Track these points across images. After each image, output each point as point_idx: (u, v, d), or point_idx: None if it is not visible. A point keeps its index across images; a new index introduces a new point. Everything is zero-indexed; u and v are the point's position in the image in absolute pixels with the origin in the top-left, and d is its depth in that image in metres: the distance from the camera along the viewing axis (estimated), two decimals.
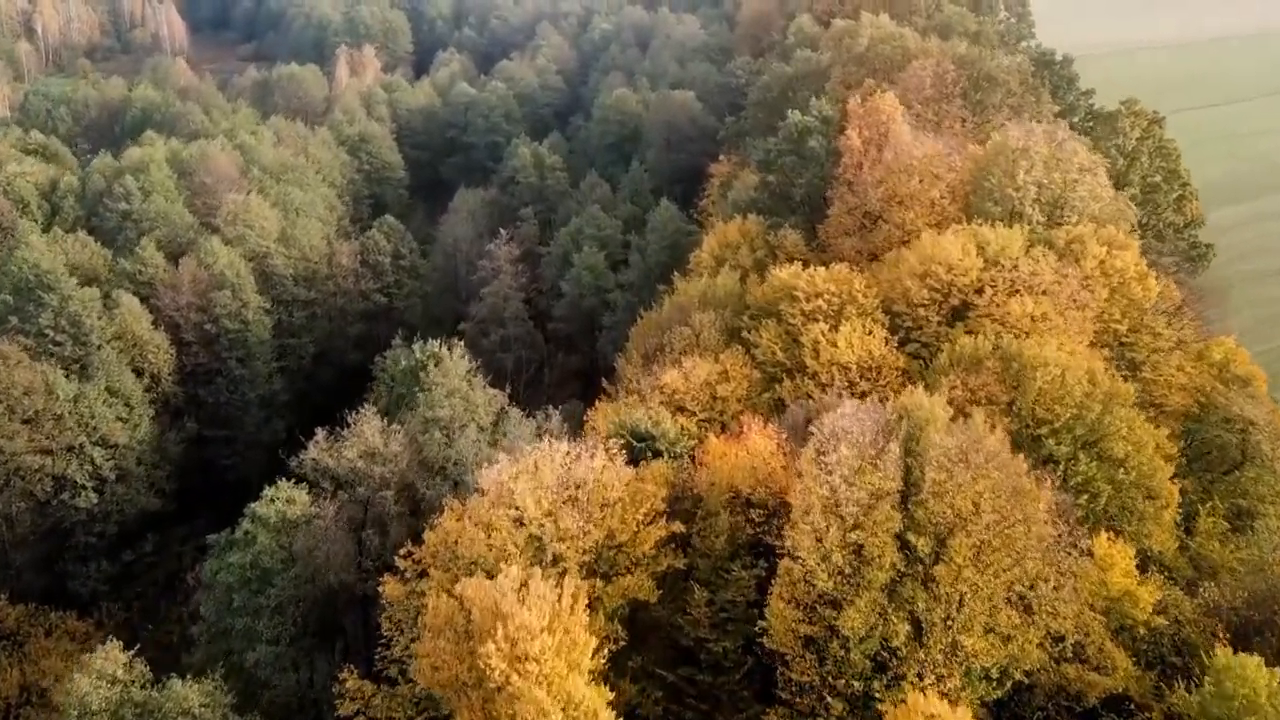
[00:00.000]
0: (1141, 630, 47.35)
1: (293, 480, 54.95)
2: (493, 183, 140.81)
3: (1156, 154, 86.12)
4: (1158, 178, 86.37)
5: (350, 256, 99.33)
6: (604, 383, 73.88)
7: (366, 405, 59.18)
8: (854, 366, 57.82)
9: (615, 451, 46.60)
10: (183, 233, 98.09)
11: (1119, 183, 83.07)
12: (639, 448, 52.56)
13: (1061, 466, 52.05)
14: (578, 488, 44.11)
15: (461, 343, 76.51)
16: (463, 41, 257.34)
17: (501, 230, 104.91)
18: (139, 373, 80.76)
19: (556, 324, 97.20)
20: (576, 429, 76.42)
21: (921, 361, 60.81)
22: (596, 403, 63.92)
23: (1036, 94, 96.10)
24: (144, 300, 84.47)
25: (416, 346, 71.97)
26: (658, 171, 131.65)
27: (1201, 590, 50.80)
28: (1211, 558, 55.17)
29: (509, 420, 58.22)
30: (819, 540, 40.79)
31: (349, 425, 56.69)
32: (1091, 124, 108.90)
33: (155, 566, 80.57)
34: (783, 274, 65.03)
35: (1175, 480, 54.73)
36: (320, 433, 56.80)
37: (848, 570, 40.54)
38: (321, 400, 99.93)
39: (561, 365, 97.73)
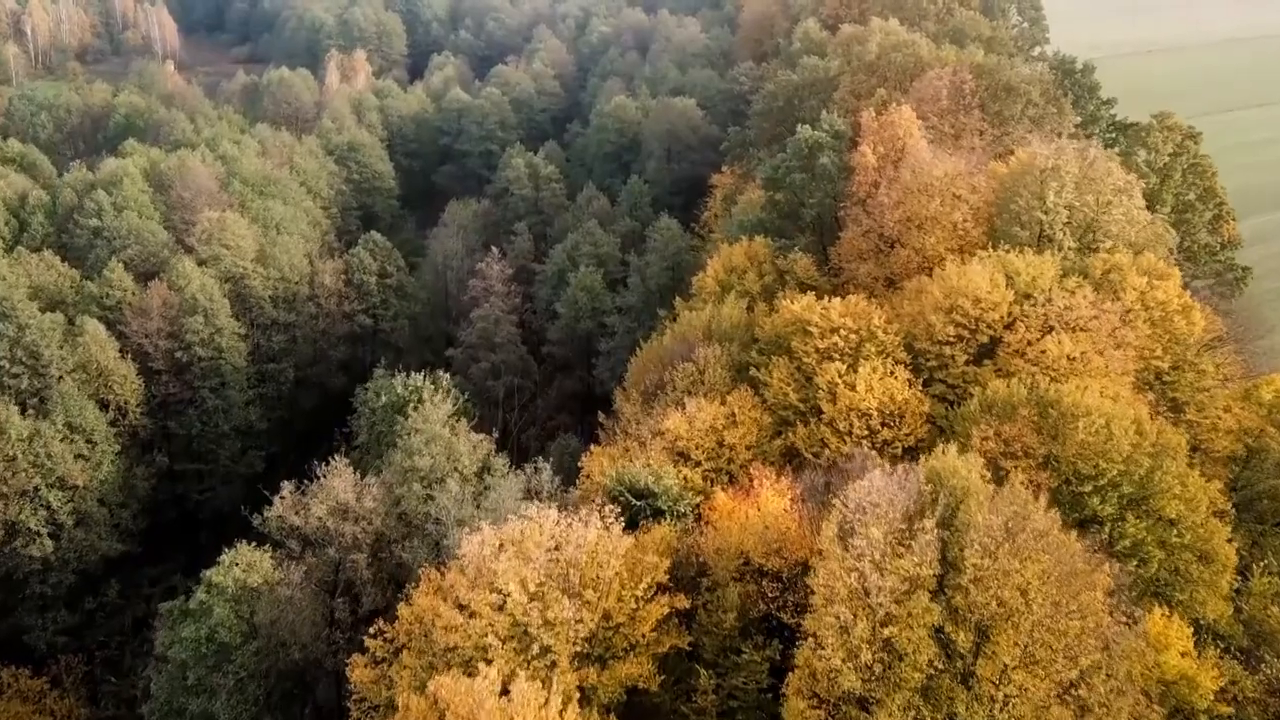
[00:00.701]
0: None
1: (254, 543, 49.61)
2: (486, 193, 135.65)
3: (1190, 171, 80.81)
4: (1191, 195, 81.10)
5: (333, 276, 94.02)
6: (600, 415, 68.72)
7: (338, 456, 53.67)
8: (874, 413, 52.58)
9: (611, 520, 41.34)
10: (157, 251, 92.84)
11: (1151, 202, 77.81)
12: (638, 506, 47.44)
13: (1106, 528, 46.90)
14: (569, 566, 38.86)
15: (447, 374, 71.47)
16: (458, 44, 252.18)
17: (494, 249, 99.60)
18: (104, 405, 75.52)
19: (551, 347, 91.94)
20: (572, 469, 71.36)
21: (947, 404, 55.65)
22: (592, 446, 58.62)
23: (1058, 105, 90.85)
24: (111, 326, 79.21)
25: (398, 380, 66.82)
26: (658, 182, 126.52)
27: (1264, 666, 45.72)
28: (1269, 623, 49.97)
29: (495, 472, 52.88)
30: (845, 633, 35.58)
31: (319, 477, 51.35)
32: (1114, 135, 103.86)
33: (121, 611, 75.35)
34: (794, 306, 59.81)
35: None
36: (287, 487, 51.48)
37: (878, 668, 35.31)
38: (304, 427, 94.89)
39: (557, 389, 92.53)
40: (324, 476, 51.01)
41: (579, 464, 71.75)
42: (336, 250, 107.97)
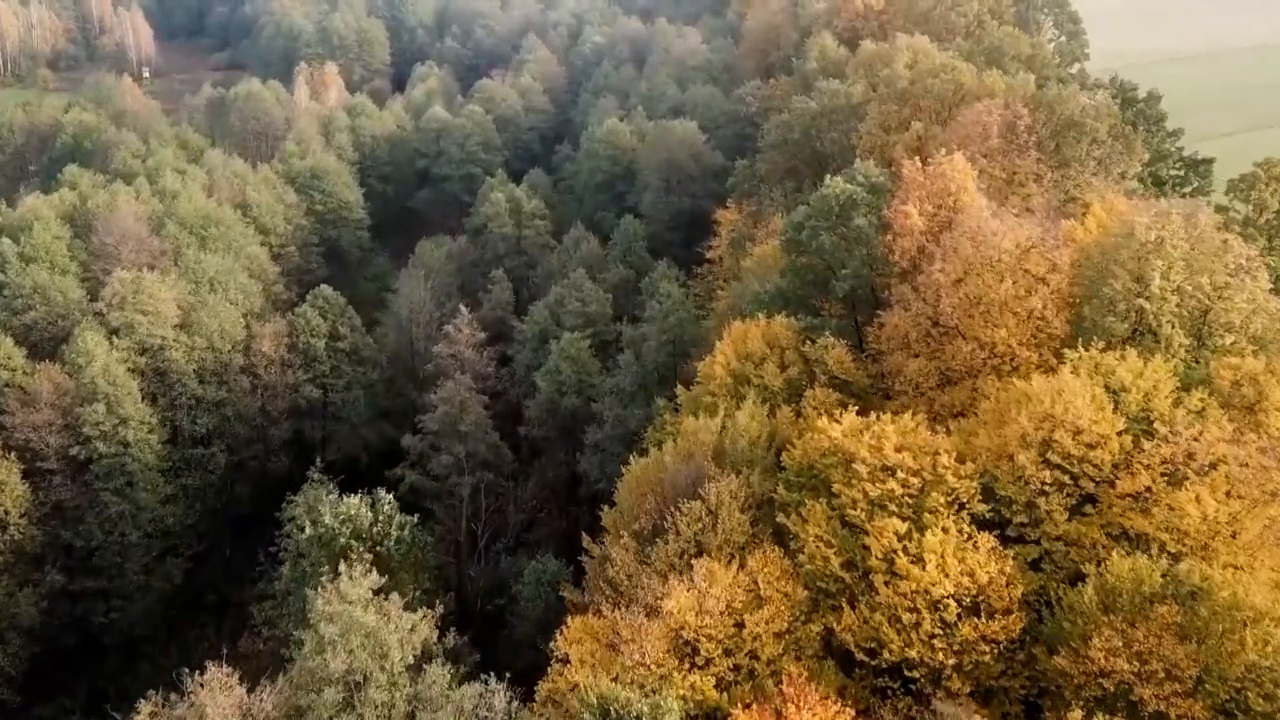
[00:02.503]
0: None
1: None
2: (465, 226, 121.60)
3: None
4: None
5: (274, 341, 79.80)
6: (585, 540, 54.84)
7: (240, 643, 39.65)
8: (952, 602, 38.64)
9: None
10: (68, 313, 78.82)
11: None
12: None
13: None
14: None
15: (391, 495, 57.41)
16: (444, 53, 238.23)
17: (463, 309, 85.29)
18: None
19: (529, 428, 77.97)
20: (550, 603, 57.39)
21: (1042, 573, 41.76)
22: (569, 623, 44.54)
23: (1127, 142, 76.99)
24: None
25: (327, 506, 52.79)
26: (655, 217, 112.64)
27: None
28: None
29: (433, 682, 38.85)
30: None
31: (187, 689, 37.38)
32: (1181, 172, 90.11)
33: None
34: (832, 429, 45.85)
35: None
36: (147, 704, 37.53)
37: None
38: (240, 516, 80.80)
39: (536, 478, 78.53)
40: (194, 690, 37.01)
41: (559, 594, 58.56)
42: (285, 303, 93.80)
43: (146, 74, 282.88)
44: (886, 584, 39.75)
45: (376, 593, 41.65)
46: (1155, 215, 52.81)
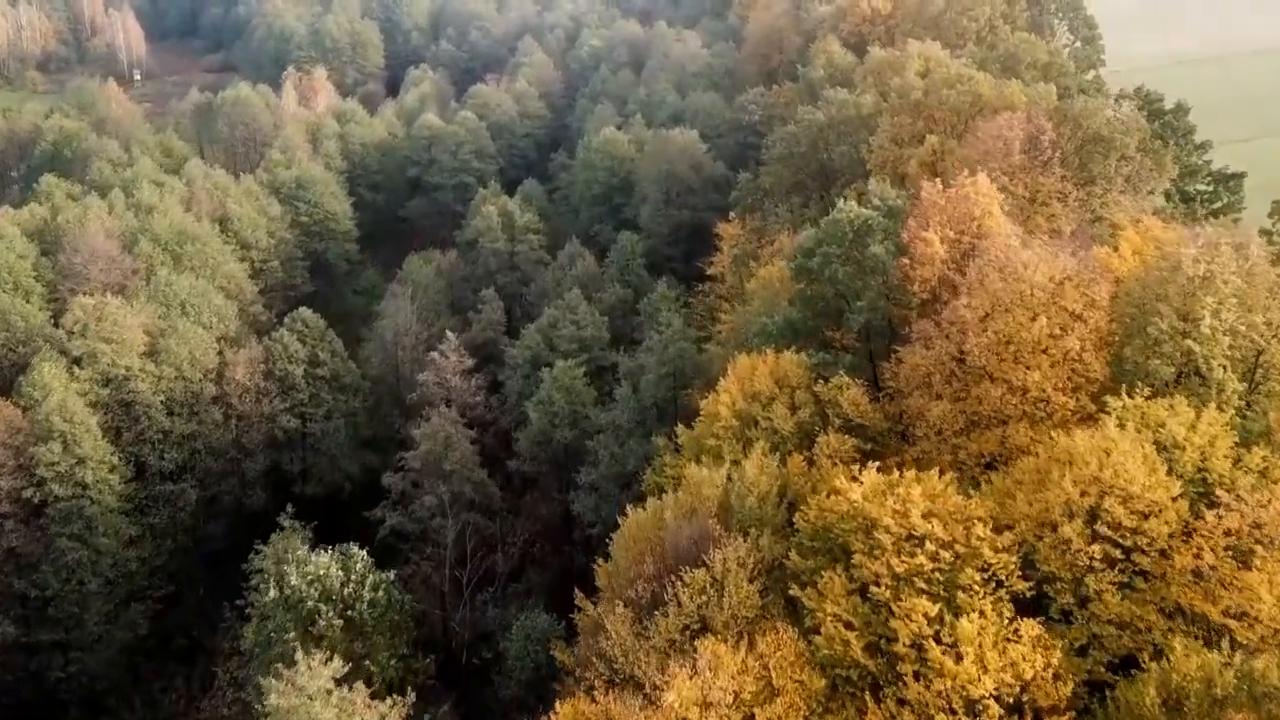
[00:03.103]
0: None
1: None
2: (456, 239, 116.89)
3: None
4: None
5: (248, 369, 74.91)
6: (578, 596, 50.21)
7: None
8: (992, 702, 33.86)
9: None
10: (29, 339, 74.02)
11: None
12: None
13: None
14: None
15: (364, 552, 52.63)
16: (439, 56, 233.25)
17: (449, 334, 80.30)
18: None
19: (520, 463, 73.08)
20: (540, 663, 52.77)
21: (1088, 658, 37.01)
22: (556, 707, 39.78)
23: (1157, 159, 72.34)
24: None
25: (293, 567, 48.04)
26: (654, 231, 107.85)
27: None
28: None
29: None
30: None
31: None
32: (1211, 188, 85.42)
33: None
34: (851, 491, 41.11)
35: None
36: None
37: None
38: (213, 553, 75.81)
39: (527, 517, 73.79)
40: None
41: (549, 651, 53.87)
42: (265, 325, 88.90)
43: (137, 76, 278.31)
44: (916, 676, 35.00)
45: (339, 682, 36.79)
46: (1203, 246, 48.08)
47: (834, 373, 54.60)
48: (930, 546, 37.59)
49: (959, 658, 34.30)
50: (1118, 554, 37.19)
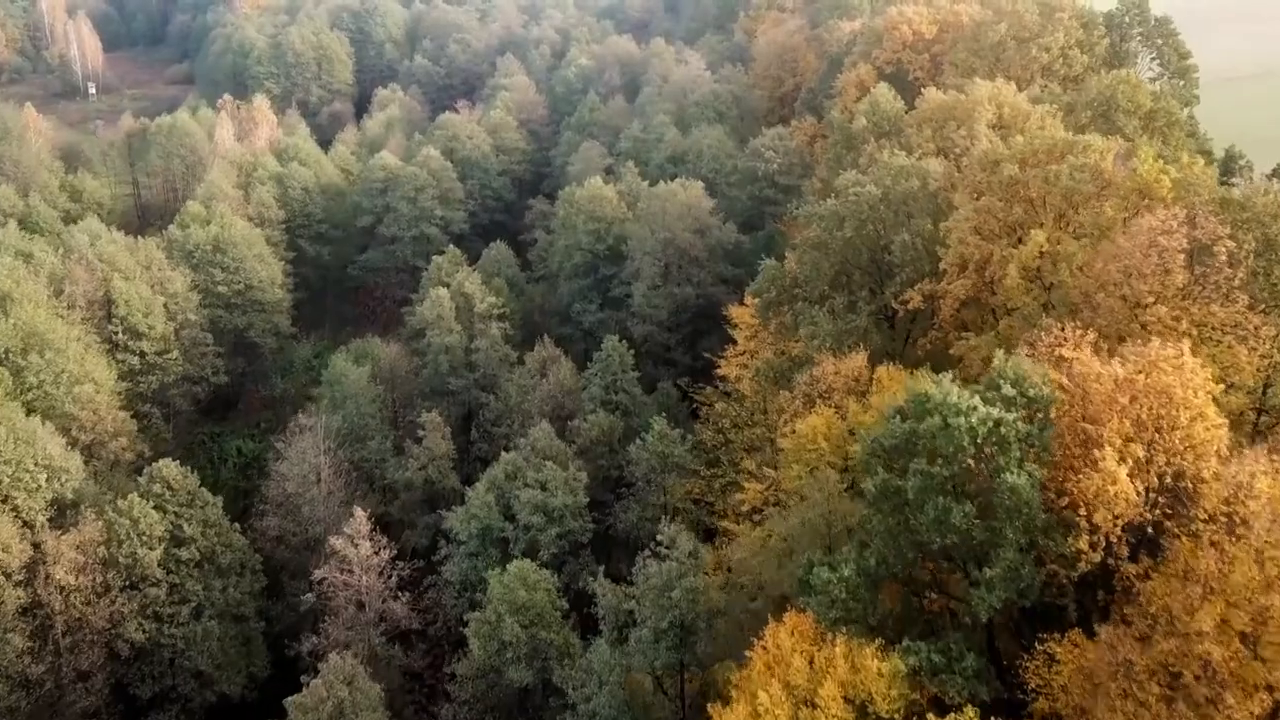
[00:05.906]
0: None
1: None
2: (405, 321, 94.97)
3: None
4: None
5: (74, 562, 52.91)
6: None
7: None
8: None
9: None
10: None
11: None
12: None
13: None
14: None
15: None
16: (414, 72, 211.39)
17: (358, 510, 57.53)
18: None
19: (454, 706, 50.92)
20: None
21: None
22: None
23: None
24: None
25: None
26: (649, 316, 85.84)
27: None
28: None
29: None
30: None
31: None
32: None
33: None
34: None
35: None
36: None
37: None
38: None
39: None
40: None
41: None
42: (131, 464, 66.65)
43: (92, 90, 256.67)
44: None
45: None
46: None
47: (951, 684, 32.70)
48: None
49: None
50: None
